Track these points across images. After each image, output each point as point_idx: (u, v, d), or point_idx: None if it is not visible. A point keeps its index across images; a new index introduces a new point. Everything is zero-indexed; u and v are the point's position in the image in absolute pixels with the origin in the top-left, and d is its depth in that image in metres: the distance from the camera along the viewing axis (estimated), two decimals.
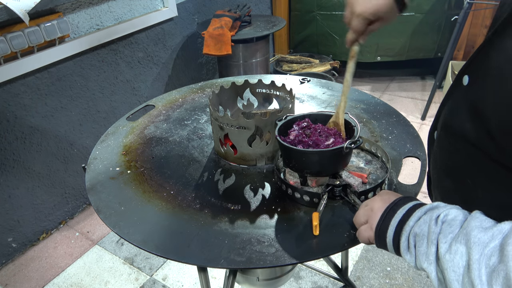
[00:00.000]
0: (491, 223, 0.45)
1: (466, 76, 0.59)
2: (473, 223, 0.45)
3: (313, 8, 3.15)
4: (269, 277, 1.10)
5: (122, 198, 0.86)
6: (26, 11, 1.54)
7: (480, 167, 0.56)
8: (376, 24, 0.78)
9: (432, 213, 0.51)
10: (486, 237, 0.43)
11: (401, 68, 3.54)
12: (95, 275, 1.80)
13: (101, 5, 1.97)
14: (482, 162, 0.55)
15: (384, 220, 0.56)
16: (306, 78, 1.39)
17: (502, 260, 0.40)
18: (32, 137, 1.83)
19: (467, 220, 0.47)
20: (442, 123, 0.66)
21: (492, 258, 0.41)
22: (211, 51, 2.25)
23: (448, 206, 0.52)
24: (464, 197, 0.61)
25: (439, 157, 0.67)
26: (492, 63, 0.52)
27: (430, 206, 0.53)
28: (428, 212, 0.52)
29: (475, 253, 0.42)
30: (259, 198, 0.84)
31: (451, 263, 0.44)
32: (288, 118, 0.88)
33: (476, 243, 0.43)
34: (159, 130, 1.14)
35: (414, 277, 1.67)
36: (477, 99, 0.55)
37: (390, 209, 0.57)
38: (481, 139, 0.54)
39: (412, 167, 0.96)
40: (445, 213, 0.50)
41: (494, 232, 0.43)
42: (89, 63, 1.99)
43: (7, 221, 1.83)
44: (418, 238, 0.50)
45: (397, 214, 0.55)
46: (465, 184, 0.60)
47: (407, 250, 0.52)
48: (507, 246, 0.40)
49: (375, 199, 0.62)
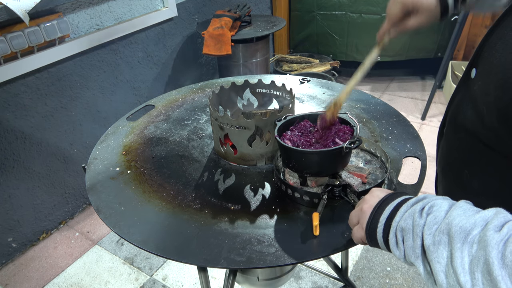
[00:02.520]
0: (474, 211, 0.44)
1: (474, 69, 0.59)
2: (456, 212, 0.45)
3: (313, 8, 3.15)
4: (269, 277, 1.10)
5: (122, 198, 0.86)
6: (26, 11, 1.55)
7: (477, 156, 0.57)
8: (412, 20, 0.74)
9: (417, 205, 0.51)
10: (469, 225, 0.42)
11: (401, 68, 3.54)
12: (95, 275, 1.80)
13: (101, 5, 1.97)
14: (479, 152, 0.56)
15: (373, 218, 0.56)
16: (306, 78, 1.39)
17: (481, 246, 0.39)
18: (32, 137, 1.83)
19: (450, 210, 0.46)
20: (450, 117, 0.67)
21: (474, 245, 0.40)
22: (211, 51, 2.25)
23: (435, 197, 0.51)
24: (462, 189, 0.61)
25: (445, 151, 0.68)
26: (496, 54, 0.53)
27: (417, 199, 0.52)
28: (414, 205, 0.51)
29: (457, 242, 0.41)
30: (259, 198, 0.84)
31: (436, 254, 0.44)
32: (288, 118, 0.88)
33: (458, 232, 0.42)
34: (159, 130, 1.14)
35: (414, 277, 1.67)
36: (480, 89, 0.56)
37: (379, 207, 0.56)
38: (481, 128, 0.55)
39: (412, 167, 0.96)
40: (430, 204, 0.49)
41: (476, 219, 0.42)
42: (89, 63, 1.99)
43: (7, 221, 1.83)
44: (405, 233, 0.50)
45: (385, 211, 0.55)
46: (463, 175, 0.61)
47: (396, 246, 0.52)
48: (487, 231, 0.40)
49: (365, 199, 0.61)
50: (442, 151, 0.70)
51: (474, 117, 0.57)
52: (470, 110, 0.58)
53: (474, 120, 0.57)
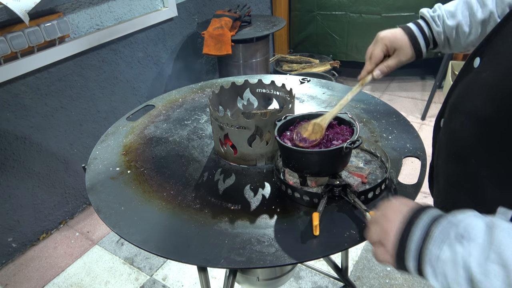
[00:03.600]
0: None
1: (477, 58, 0.60)
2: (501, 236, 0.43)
3: (313, 8, 3.15)
4: (269, 277, 1.10)
5: (122, 198, 0.86)
6: (26, 11, 1.55)
7: (486, 145, 0.57)
8: (392, 60, 0.82)
9: (450, 229, 0.47)
10: None
11: (401, 68, 3.51)
12: (95, 275, 1.80)
13: (101, 5, 1.97)
14: (487, 140, 0.56)
15: (401, 245, 0.52)
16: (306, 78, 1.39)
17: None
18: (32, 137, 1.83)
19: (492, 233, 0.44)
20: (451, 107, 0.67)
21: None
22: (211, 51, 2.25)
23: (464, 214, 0.49)
24: (467, 179, 0.61)
25: (446, 143, 0.68)
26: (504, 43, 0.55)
27: (448, 221, 0.49)
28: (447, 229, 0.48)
29: None
30: (259, 198, 0.84)
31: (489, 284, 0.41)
32: (288, 118, 0.88)
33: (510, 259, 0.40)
34: (159, 130, 1.14)
35: (414, 277, 1.67)
36: (489, 78, 0.56)
37: (405, 230, 0.52)
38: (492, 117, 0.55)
39: (412, 167, 0.96)
40: (463, 225, 0.46)
41: None
42: (89, 63, 1.99)
43: (7, 221, 1.83)
44: (444, 264, 0.46)
45: (414, 238, 0.50)
46: (470, 164, 0.60)
47: (434, 278, 0.48)
48: None
49: (386, 214, 0.57)
50: (441, 143, 0.70)
51: (484, 105, 0.57)
52: (478, 98, 0.58)
53: (483, 108, 0.57)
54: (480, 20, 0.76)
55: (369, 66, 0.85)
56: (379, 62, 0.84)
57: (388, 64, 0.83)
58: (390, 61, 0.83)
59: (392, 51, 0.83)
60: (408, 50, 0.82)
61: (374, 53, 0.83)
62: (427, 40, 0.82)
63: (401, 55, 0.82)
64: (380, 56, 0.83)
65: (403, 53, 0.82)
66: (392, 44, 0.81)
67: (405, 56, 0.82)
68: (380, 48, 0.82)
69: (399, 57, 0.82)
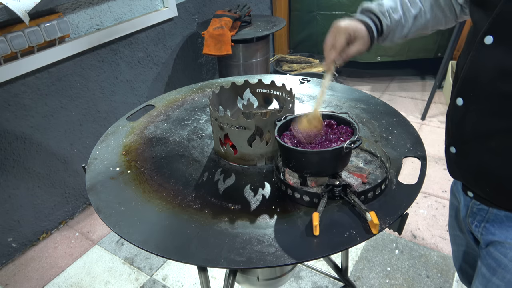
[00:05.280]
0: None
1: (489, 36, 0.63)
2: None
3: (313, 8, 3.15)
4: (269, 277, 1.10)
5: (122, 198, 0.86)
6: (26, 11, 1.55)
7: None
8: (353, 47, 0.85)
9: None
10: None
11: (401, 68, 3.54)
12: (95, 275, 1.80)
13: (101, 5, 1.97)
14: None
15: None
16: (306, 78, 1.39)
17: None
18: (32, 137, 1.83)
19: None
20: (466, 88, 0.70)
21: None
22: (211, 51, 2.25)
23: None
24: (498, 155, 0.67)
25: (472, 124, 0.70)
26: None
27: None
28: None
29: None
30: (259, 198, 0.84)
31: None
32: (288, 118, 0.88)
33: None
34: (159, 130, 1.14)
35: (414, 277, 1.67)
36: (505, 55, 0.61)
37: None
38: None
39: (412, 167, 0.96)
40: None
41: None
42: (89, 63, 1.99)
43: (7, 221, 1.83)
44: None
45: None
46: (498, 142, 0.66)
47: None
48: None
49: None
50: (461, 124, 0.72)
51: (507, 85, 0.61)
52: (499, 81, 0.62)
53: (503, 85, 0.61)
54: (413, 15, 0.87)
55: (333, 54, 0.86)
56: (342, 50, 0.86)
57: (349, 52, 0.86)
58: (352, 49, 0.86)
59: (353, 41, 0.85)
60: (367, 41, 0.85)
61: (339, 42, 0.84)
62: (378, 32, 0.87)
63: (361, 45, 0.85)
64: (344, 45, 0.85)
65: (363, 43, 0.85)
66: (355, 34, 0.84)
67: (365, 46, 0.86)
68: (345, 37, 0.84)
69: (360, 46, 0.85)
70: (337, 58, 0.86)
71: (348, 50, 0.86)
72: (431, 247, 1.80)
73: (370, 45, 0.87)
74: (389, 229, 0.99)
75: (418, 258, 1.76)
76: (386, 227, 0.73)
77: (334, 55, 0.86)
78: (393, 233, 1.89)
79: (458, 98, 0.72)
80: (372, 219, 0.70)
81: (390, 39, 0.91)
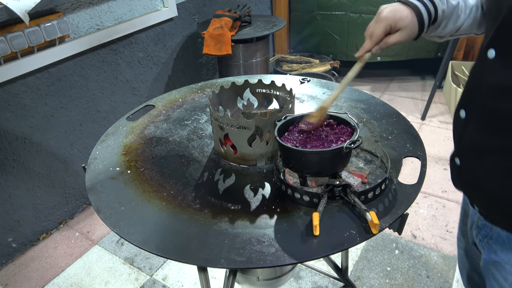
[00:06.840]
0: None
1: (492, 49, 0.59)
2: None
3: (313, 8, 3.15)
4: (269, 277, 1.10)
5: (122, 198, 0.86)
6: (26, 11, 1.55)
7: None
8: (394, 36, 0.79)
9: None
10: None
11: (401, 68, 3.54)
12: (95, 275, 1.80)
13: (101, 5, 1.97)
14: None
15: None
16: (306, 78, 1.39)
17: None
18: (32, 137, 1.83)
19: None
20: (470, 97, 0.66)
21: None
22: (211, 51, 2.25)
23: None
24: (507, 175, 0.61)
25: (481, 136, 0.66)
26: None
27: None
28: None
29: None
30: (259, 198, 0.84)
31: None
32: (288, 118, 0.88)
33: None
34: (159, 130, 1.14)
35: (414, 277, 1.67)
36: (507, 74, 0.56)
37: None
38: None
39: (412, 167, 0.96)
40: None
41: None
42: (89, 63, 1.99)
43: (7, 221, 1.83)
44: None
45: None
46: None
47: None
48: None
49: None
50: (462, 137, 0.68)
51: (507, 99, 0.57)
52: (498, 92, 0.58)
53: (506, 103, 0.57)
54: (471, 6, 0.77)
55: (369, 44, 0.82)
56: (379, 41, 0.81)
57: (388, 42, 0.81)
58: (391, 39, 0.80)
59: (394, 31, 0.79)
60: (414, 31, 0.78)
61: (376, 33, 0.79)
62: (430, 18, 0.78)
63: (404, 35, 0.78)
64: (381, 36, 0.80)
65: (407, 33, 0.78)
66: (397, 25, 0.77)
67: (408, 36, 0.79)
68: (383, 28, 0.78)
69: (401, 36, 0.79)
70: (373, 48, 0.81)
71: (387, 39, 0.80)
72: (431, 247, 1.80)
73: (418, 34, 0.79)
74: (389, 229, 0.99)
75: (418, 258, 1.76)
76: (386, 227, 0.73)
77: (370, 45, 0.81)
78: (393, 233, 1.89)
79: (461, 110, 0.68)
80: (372, 219, 0.70)
81: (441, 30, 0.81)
